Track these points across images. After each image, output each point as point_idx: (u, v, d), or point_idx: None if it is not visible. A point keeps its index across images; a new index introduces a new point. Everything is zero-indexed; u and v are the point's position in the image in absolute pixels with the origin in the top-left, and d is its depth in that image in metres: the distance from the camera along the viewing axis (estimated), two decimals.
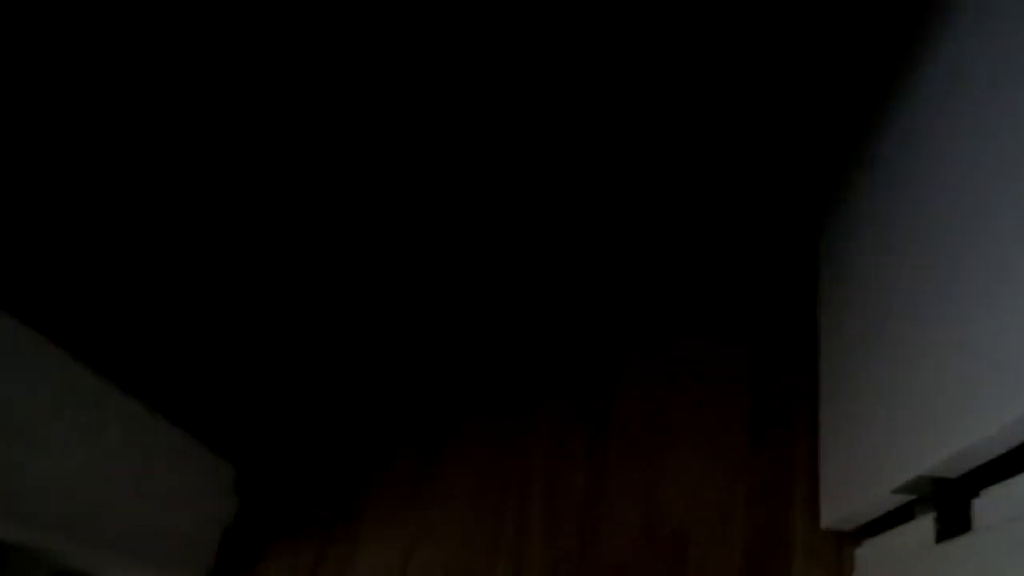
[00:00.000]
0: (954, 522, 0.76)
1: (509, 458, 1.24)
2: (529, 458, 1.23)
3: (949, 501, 0.78)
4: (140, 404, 1.01)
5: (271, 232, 1.36)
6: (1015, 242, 0.64)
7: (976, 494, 0.74)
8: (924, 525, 0.82)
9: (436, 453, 1.26)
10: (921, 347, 0.81)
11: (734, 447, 1.19)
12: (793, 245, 1.32)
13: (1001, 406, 0.63)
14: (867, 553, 1.03)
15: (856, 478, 0.97)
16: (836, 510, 1.04)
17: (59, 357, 0.88)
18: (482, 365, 1.31)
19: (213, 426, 1.20)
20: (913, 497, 0.86)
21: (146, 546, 1.03)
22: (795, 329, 1.26)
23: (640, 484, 1.19)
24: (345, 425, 1.30)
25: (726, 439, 1.20)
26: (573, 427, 1.25)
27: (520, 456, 1.24)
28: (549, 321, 1.33)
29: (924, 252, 0.84)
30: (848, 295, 1.11)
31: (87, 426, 0.92)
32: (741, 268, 1.31)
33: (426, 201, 1.45)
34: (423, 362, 1.33)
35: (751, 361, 1.24)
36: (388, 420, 1.30)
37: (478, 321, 1.35)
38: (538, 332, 1.33)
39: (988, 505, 0.72)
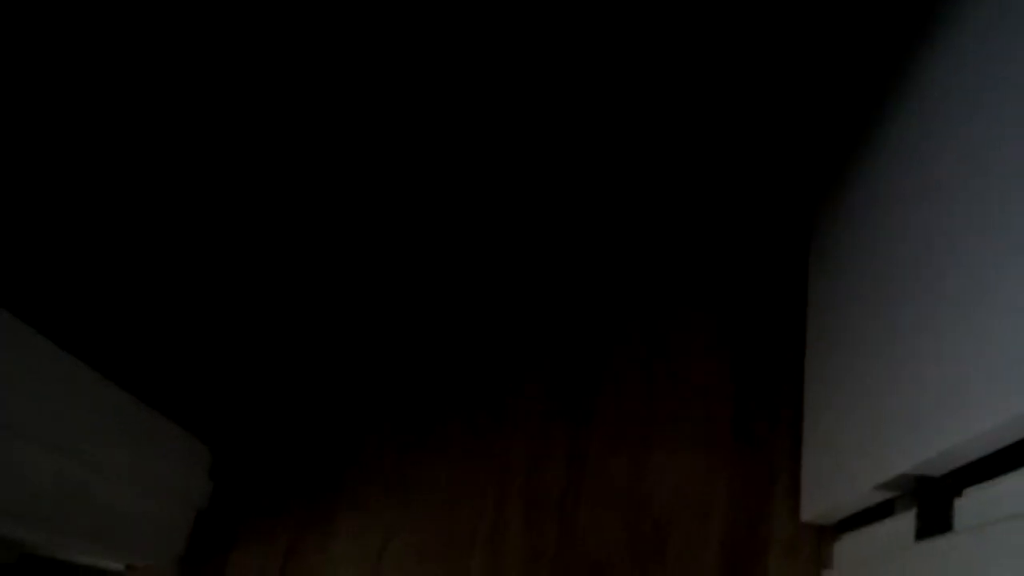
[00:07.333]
0: (935, 521, 0.76)
1: (489, 449, 1.23)
2: (509, 450, 1.22)
3: (931, 499, 0.77)
4: (114, 385, 0.99)
5: (250, 225, 1.34)
6: (1002, 246, 0.64)
7: (959, 494, 0.73)
8: (904, 522, 0.82)
9: (415, 442, 1.25)
10: (908, 346, 0.80)
11: (717, 441, 1.19)
12: (784, 241, 1.31)
13: (988, 407, 0.62)
14: (845, 548, 1.03)
15: (838, 473, 0.97)
16: (816, 504, 1.04)
17: (33, 338, 0.85)
18: (464, 357, 1.30)
19: (189, 407, 1.18)
20: (896, 494, 0.86)
21: (115, 530, 1.01)
22: (782, 325, 1.25)
23: (621, 477, 1.18)
24: (324, 411, 1.28)
25: (709, 433, 1.19)
26: (554, 420, 1.24)
27: (500, 447, 1.23)
28: (532, 315, 1.32)
29: (912, 254, 0.83)
30: (836, 293, 1.10)
31: (57, 408, 0.89)
32: (729, 263, 1.30)
33: (402, 192, 1.43)
34: (403, 352, 1.31)
35: (736, 356, 1.24)
36: (367, 408, 1.28)
37: (460, 314, 1.33)
38: (520, 325, 1.31)
39: (970, 505, 0.72)
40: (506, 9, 1.20)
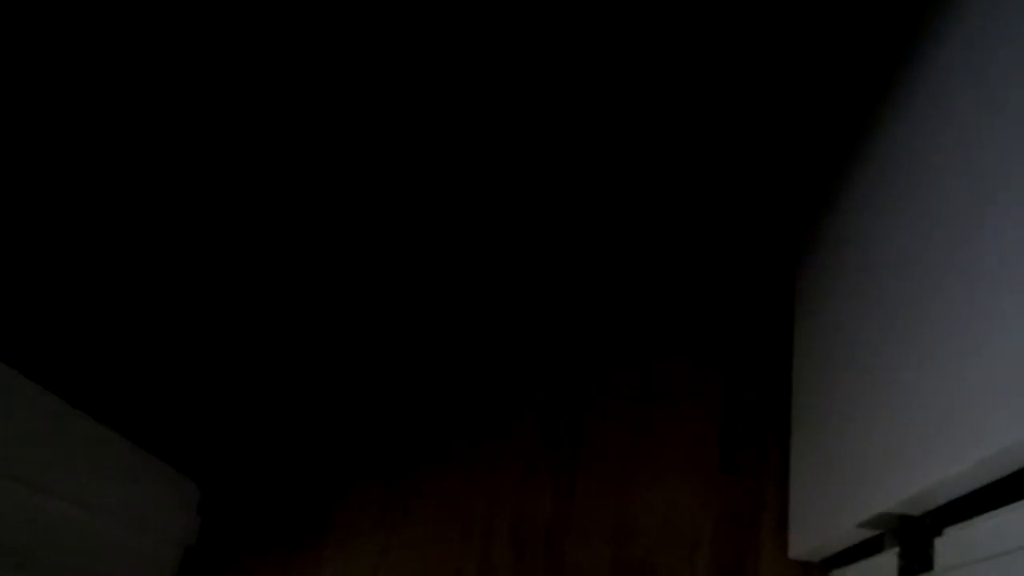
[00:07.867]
0: (917, 560, 0.76)
1: (477, 482, 1.22)
2: (497, 482, 1.22)
3: (913, 538, 0.77)
4: (101, 423, 0.99)
5: (236, 258, 1.35)
6: (981, 287, 0.64)
7: (939, 533, 0.73)
8: (888, 560, 0.82)
9: (403, 476, 1.24)
10: (889, 385, 0.81)
11: (705, 474, 1.18)
12: (772, 274, 1.32)
13: (967, 446, 0.63)
14: None
15: (824, 510, 0.97)
16: (803, 541, 1.04)
17: (16, 378, 0.85)
18: (452, 390, 1.30)
19: (177, 444, 1.18)
20: (879, 532, 0.86)
21: (102, 567, 1.00)
22: (770, 358, 1.25)
23: (609, 509, 1.18)
24: (311, 446, 1.28)
25: (697, 466, 1.19)
26: (542, 452, 1.23)
27: (488, 480, 1.22)
28: (520, 350, 1.32)
29: (894, 291, 0.84)
30: (822, 328, 1.11)
31: (43, 446, 0.89)
32: (718, 295, 1.31)
33: (392, 221, 1.44)
34: (391, 385, 1.31)
35: (724, 389, 1.24)
36: (355, 444, 1.28)
37: (448, 351, 1.33)
38: (509, 360, 1.31)
39: (950, 545, 0.72)
40: (505, 14, 1.19)
